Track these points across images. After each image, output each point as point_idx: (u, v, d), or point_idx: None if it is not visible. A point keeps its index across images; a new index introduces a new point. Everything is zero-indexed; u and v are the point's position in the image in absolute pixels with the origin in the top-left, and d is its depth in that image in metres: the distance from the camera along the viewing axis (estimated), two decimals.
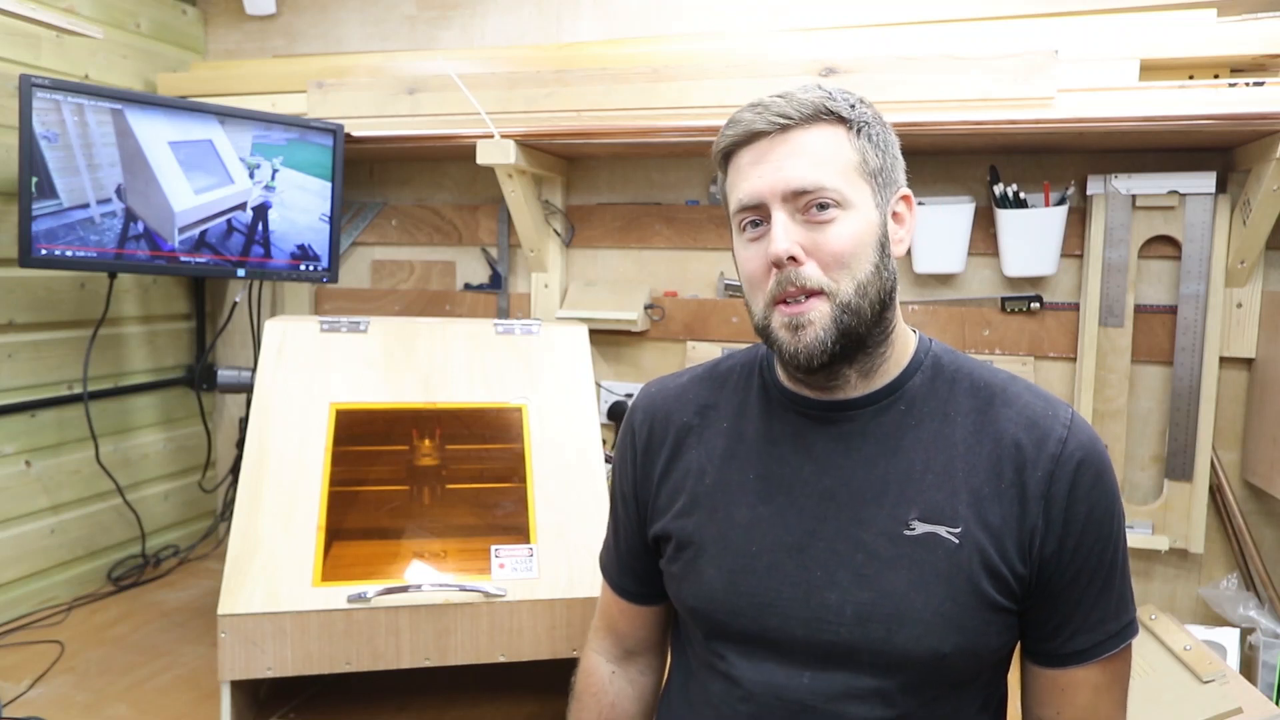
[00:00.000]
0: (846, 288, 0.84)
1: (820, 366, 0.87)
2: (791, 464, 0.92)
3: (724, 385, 1.02)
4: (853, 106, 0.87)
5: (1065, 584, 0.86)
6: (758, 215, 0.87)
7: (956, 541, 0.84)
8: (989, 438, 0.87)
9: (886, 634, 0.84)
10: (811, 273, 0.84)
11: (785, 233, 0.84)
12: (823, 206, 0.84)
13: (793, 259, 0.84)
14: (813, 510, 0.89)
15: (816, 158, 0.84)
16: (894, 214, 0.90)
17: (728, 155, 0.90)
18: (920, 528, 0.86)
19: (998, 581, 0.85)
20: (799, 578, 0.88)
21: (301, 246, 1.80)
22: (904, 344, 0.93)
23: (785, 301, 0.86)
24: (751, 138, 0.87)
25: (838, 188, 0.84)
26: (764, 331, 0.89)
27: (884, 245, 0.88)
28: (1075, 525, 0.85)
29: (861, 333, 0.86)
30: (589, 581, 1.28)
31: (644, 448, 1.03)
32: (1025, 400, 0.89)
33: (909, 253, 1.54)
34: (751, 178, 0.86)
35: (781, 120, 0.85)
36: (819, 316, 0.84)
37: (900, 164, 0.92)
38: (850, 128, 0.86)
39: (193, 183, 1.66)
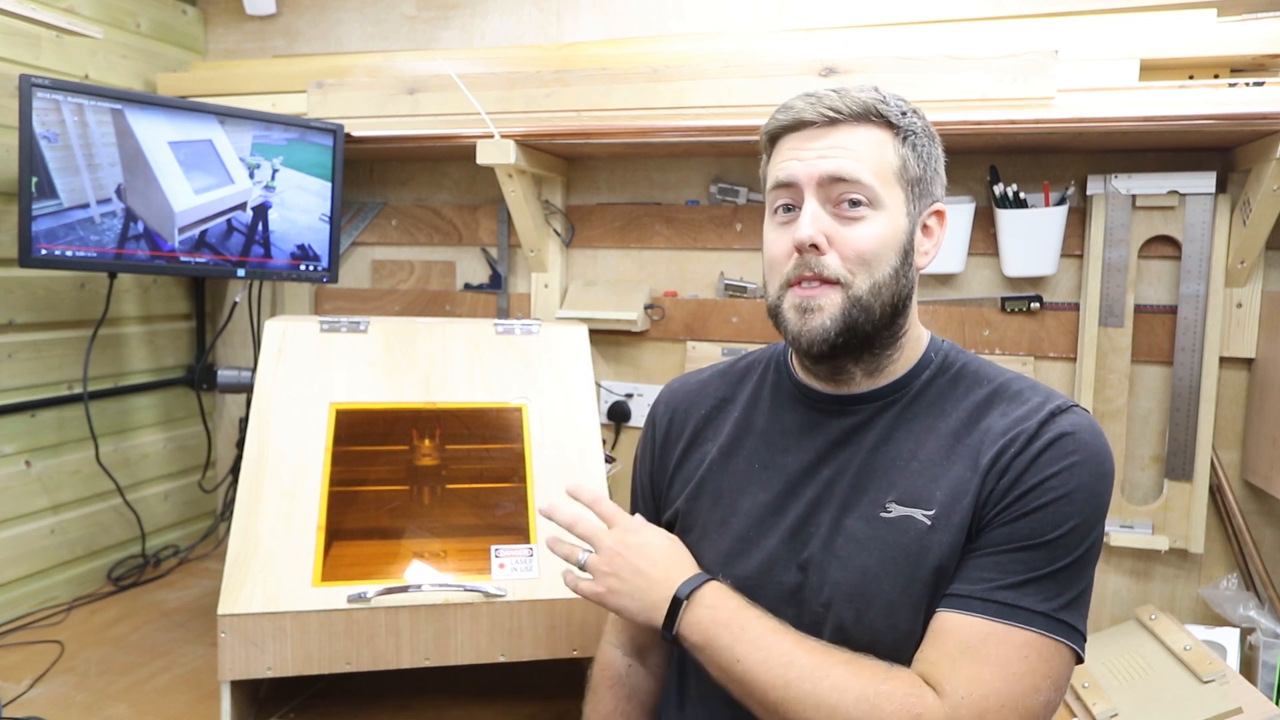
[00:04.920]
0: (862, 284, 0.87)
1: (822, 355, 0.89)
2: (795, 454, 0.95)
3: (742, 379, 1.06)
4: (904, 114, 0.89)
5: (982, 530, 0.84)
6: (791, 198, 0.89)
7: (929, 523, 0.85)
8: (979, 430, 0.88)
9: (857, 614, 0.86)
10: (831, 263, 0.87)
11: (813, 220, 0.86)
12: (854, 203, 0.87)
13: (815, 246, 0.86)
14: (810, 498, 0.92)
15: (857, 154, 0.87)
16: (924, 226, 0.92)
17: (774, 139, 0.93)
18: (896, 510, 0.87)
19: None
20: (789, 561, 0.91)
21: (301, 246, 1.80)
22: (915, 346, 0.95)
23: (799, 284, 0.88)
24: (799, 125, 0.89)
25: (872, 186, 0.86)
26: (775, 313, 0.92)
27: (907, 253, 0.90)
28: (1020, 488, 0.83)
29: (869, 331, 0.88)
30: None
31: (663, 438, 1.07)
32: (1026, 396, 0.90)
33: None
34: (790, 160, 0.89)
35: (830, 114, 0.87)
36: (828, 304, 0.87)
37: (941, 180, 0.94)
38: (896, 133, 0.89)
39: (193, 183, 1.66)
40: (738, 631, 0.85)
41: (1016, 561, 0.82)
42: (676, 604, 0.88)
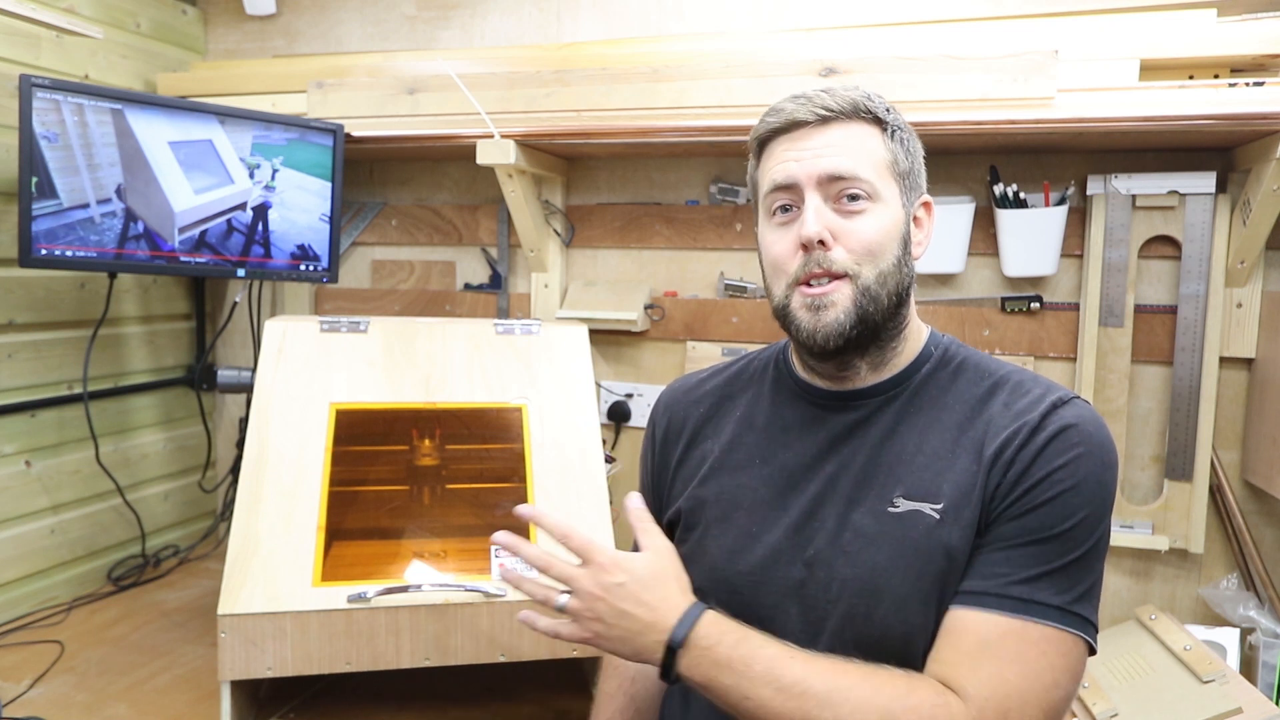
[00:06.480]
0: (869, 274, 0.88)
1: (835, 350, 0.89)
2: (798, 450, 0.95)
3: (741, 378, 1.06)
4: (887, 110, 0.92)
5: (992, 524, 0.84)
6: (789, 198, 0.90)
7: (937, 517, 0.86)
8: (981, 421, 0.89)
9: (867, 609, 0.86)
10: (838, 256, 0.88)
11: (817, 216, 0.87)
12: (854, 197, 0.88)
13: (821, 242, 0.87)
14: (814, 494, 0.92)
15: (853, 150, 0.88)
16: (915, 218, 0.94)
17: (764, 142, 0.94)
18: (904, 505, 0.87)
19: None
20: (794, 557, 0.91)
21: (301, 246, 1.80)
22: (916, 340, 0.96)
23: (809, 283, 0.89)
24: (791, 126, 0.90)
25: (870, 180, 0.88)
26: (783, 313, 0.92)
27: (906, 242, 0.92)
28: (1028, 482, 0.83)
29: (877, 321, 0.89)
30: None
31: (663, 438, 1.08)
32: (1027, 388, 0.90)
33: None
34: (788, 161, 0.90)
35: (823, 112, 0.89)
36: (840, 299, 0.88)
37: (924, 172, 0.96)
38: (884, 129, 0.91)
39: (193, 183, 1.66)
40: (741, 669, 0.81)
41: (1028, 555, 0.82)
42: (672, 650, 0.83)
